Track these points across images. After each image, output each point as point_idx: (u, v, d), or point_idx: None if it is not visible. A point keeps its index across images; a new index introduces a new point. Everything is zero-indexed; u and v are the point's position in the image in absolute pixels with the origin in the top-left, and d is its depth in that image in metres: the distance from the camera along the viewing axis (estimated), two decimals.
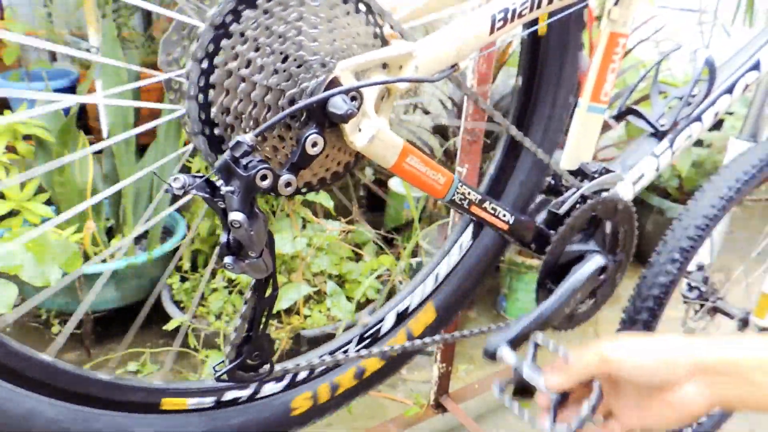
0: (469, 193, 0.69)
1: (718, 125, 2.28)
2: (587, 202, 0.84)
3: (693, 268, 1.38)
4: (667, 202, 2.30)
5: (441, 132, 2.05)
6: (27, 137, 1.48)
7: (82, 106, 1.80)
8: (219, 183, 0.51)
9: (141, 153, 1.74)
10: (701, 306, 1.38)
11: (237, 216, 0.50)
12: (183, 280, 1.64)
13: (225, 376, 0.61)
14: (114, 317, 1.66)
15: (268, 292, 0.59)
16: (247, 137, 0.49)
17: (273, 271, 0.57)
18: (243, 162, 0.49)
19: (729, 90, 1.01)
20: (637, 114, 0.99)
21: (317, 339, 1.49)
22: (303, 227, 1.63)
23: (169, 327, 1.49)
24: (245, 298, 0.59)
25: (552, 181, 0.89)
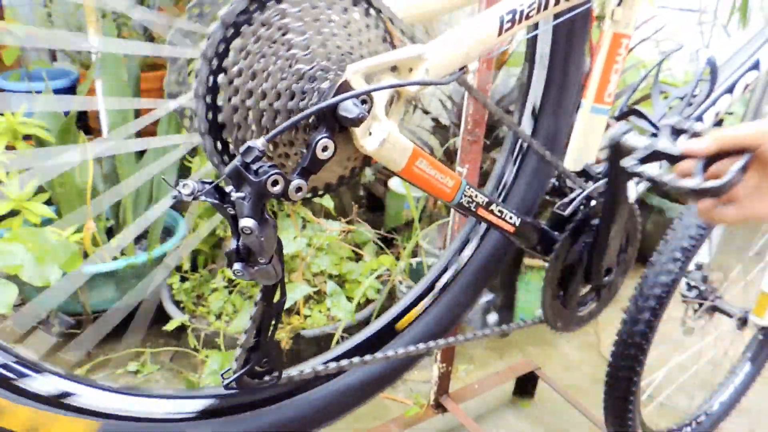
0: (477, 196, 0.69)
1: (718, 125, 2.28)
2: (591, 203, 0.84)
3: (692, 267, 1.39)
4: (667, 202, 2.30)
5: (441, 132, 2.05)
6: (27, 137, 1.47)
7: None
8: (229, 189, 0.50)
9: (141, 153, 1.74)
10: (700, 305, 1.39)
11: (248, 222, 0.49)
12: (183, 280, 1.63)
13: (233, 383, 0.60)
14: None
15: (276, 298, 0.58)
16: (258, 142, 0.48)
17: (281, 277, 0.56)
18: (254, 167, 0.49)
19: (729, 90, 1.01)
20: (639, 114, 0.99)
21: (317, 339, 1.49)
22: (303, 227, 1.63)
23: (169, 327, 1.50)
24: (254, 303, 0.58)
25: (556, 183, 0.88)
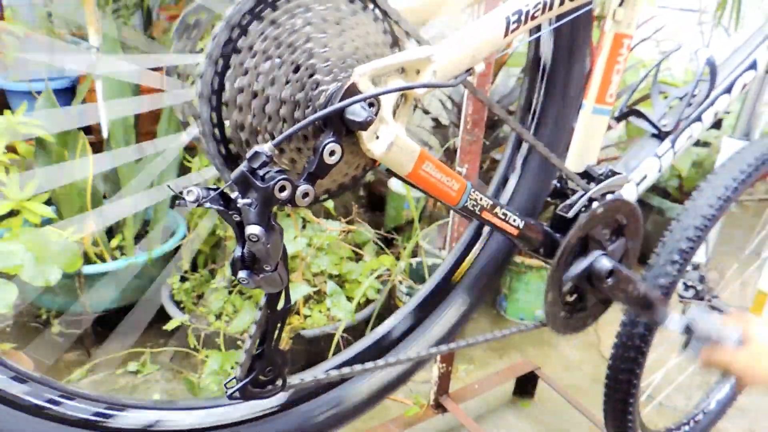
0: (481, 199, 0.68)
1: (717, 124, 2.29)
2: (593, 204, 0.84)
3: (688, 267, 1.39)
4: (667, 202, 2.30)
5: (441, 132, 2.05)
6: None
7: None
8: (234, 195, 0.48)
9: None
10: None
11: (255, 230, 0.47)
12: (183, 280, 1.63)
13: (237, 393, 0.58)
14: (114, 317, 1.66)
15: (280, 305, 0.57)
16: (266, 147, 0.47)
17: (286, 284, 0.54)
18: (260, 173, 0.47)
19: (728, 90, 1.01)
20: (640, 115, 1.00)
21: (317, 339, 1.49)
22: (303, 227, 1.63)
23: (169, 327, 1.49)
24: (257, 310, 0.56)
25: (558, 184, 0.88)
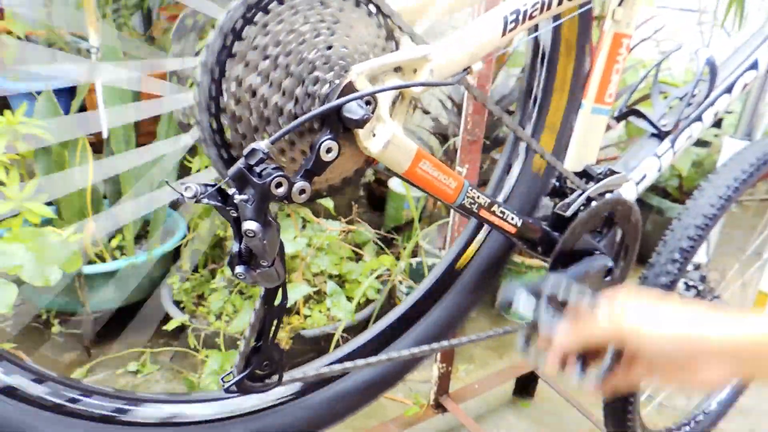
0: (479, 197, 0.68)
1: (717, 123, 2.29)
2: (592, 203, 0.84)
3: (689, 267, 1.39)
4: (667, 201, 2.30)
5: (441, 132, 2.05)
6: None
7: (82, 105, 1.80)
8: (231, 191, 0.49)
9: None
10: None
11: (251, 225, 0.48)
12: (183, 280, 1.63)
13: (234, 387, 0.59)
14: (114, 317, 1.66)
15: (277, 300, 0.58)
16: (263, 144, 0.48)
17: (284, 280, 0.55)
18: (257, 170, 0.48)
19: (728, 89, 1.01)
20: (640, 114, 1.00)
21: (317, 339, 1.49)
22: (303, 227, 1.63)
23: (169, 327, 1.49)
24: (255, 306, 0.57)
25: (557, 183, 0.88)
